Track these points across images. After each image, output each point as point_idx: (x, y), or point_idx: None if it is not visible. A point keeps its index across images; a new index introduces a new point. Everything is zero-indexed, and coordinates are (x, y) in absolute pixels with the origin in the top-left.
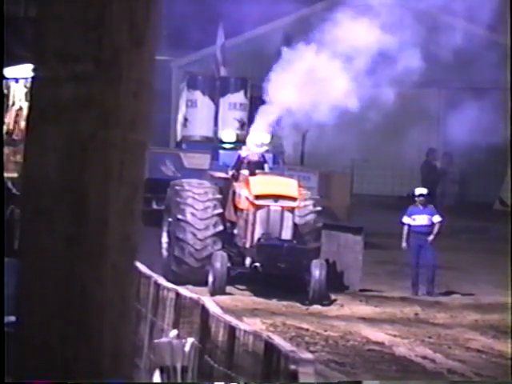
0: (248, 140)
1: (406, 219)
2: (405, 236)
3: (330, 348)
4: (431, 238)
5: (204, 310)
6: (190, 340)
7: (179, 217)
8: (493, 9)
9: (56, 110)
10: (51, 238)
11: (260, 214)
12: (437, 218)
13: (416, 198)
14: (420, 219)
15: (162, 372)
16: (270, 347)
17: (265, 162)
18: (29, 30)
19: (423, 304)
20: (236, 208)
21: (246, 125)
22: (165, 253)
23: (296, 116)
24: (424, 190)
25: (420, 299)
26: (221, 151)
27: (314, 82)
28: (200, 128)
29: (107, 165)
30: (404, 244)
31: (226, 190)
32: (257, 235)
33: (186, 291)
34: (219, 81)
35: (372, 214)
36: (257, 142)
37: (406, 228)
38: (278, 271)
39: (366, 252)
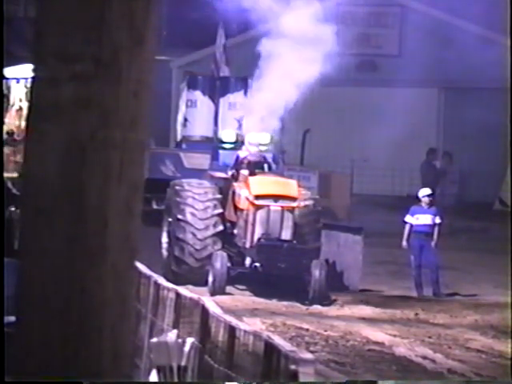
0: (245, 140)
1: (408, 218)
2: (405, 235)
3: (330, 348)
4: (435, 240)
5: (204, 310)
6: (190, 340)
7: (179, 217)
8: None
9: (56, 110)
10: (51, 237)
11: (260, 214)
12: (438, 220)
13: (422, 198)
14: (423, 219)
15: (158, 372)
16: (270, 347)
17: (266, 162)
18: (29, 30)
19: (423, 304)
20: (236, 208)
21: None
22: (165, 253)
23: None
24: (429, 191)
25: (420, 299)
26: (221, 151)
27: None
28: (200, 128)
29: (107, 165)
30: (404, 243)
31: (225, 190)
32: (257, 235)
33: (186, 291)
34: (219, 81)
35: (372, 213)
36: (253, 142)
37: (407, 227)
38: (278, 271)
39: (366, 252)
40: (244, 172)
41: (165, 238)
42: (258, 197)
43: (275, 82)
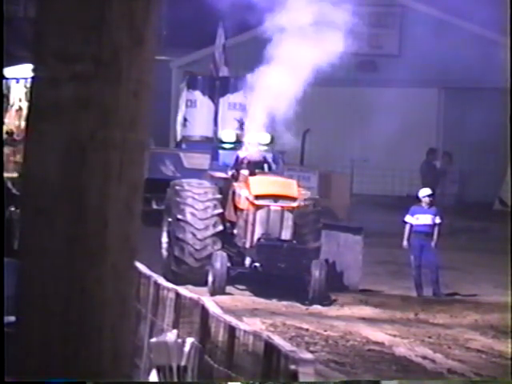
0: (245, 140)
1: (408, 218)
2: (406, 235)
3: (329, 348)
4: (434, 240)
5: (204, 310)
6: (190, 340)
7: (179, 217)
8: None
9: (56, 110)
10: (51, 237)
11: (260, 214)
12: (438, 220)
13: (422, 199)
14: (423, 219)
15: (158, 372)
16: (269, 347)
17: (266, 162)
18: (29, 30)
19: (423, 304)
20: (236, 208)
21: (245, 125)
22: (165, 253)
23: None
24: (429, 191)
25: (420, 299)
26: (221, 151)
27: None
28: (200, 128)
29: (107, 165)
30: (405, 243)
31: (225, 190)
32: (257, 235)
33: (185, 291)
34: (219, 81)
35: (372, 213)
36: (253, 142)
37: (407, 227)
38: (277, 271)
39: (366, 252)
40: (244, 172)
41: (165, 238)
42: (257, 197)
43: (275, 81)
